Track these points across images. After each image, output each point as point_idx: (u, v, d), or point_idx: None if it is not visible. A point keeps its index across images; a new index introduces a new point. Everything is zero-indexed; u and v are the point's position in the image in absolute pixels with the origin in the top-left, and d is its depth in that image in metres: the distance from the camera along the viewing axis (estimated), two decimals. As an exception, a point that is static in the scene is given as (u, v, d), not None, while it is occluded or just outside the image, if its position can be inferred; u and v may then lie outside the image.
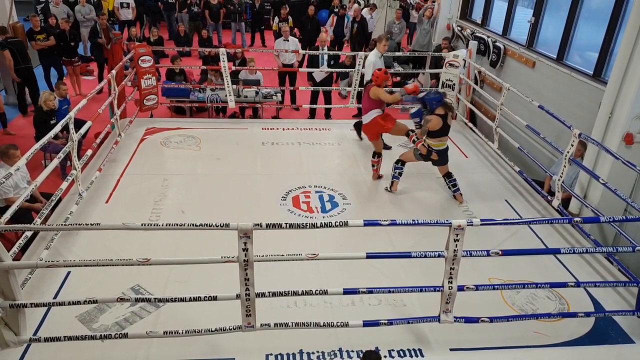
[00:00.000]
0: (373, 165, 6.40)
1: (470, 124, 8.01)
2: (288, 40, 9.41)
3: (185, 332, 3.51)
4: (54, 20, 10.23)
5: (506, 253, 3.69)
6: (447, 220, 3.40)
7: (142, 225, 3.35)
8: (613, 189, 4.56)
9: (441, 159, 5.81)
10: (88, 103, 5.66)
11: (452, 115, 5.84)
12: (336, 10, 13.20)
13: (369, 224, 3.49)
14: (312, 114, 9.23)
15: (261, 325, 3.55)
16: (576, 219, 3.98)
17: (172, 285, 4.28)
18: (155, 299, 3.75)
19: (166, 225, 3.41)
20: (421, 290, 3.72)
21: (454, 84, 8.14)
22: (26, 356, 3.59)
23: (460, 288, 3.60)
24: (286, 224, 3.35)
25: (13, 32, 9.09)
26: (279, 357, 3.69)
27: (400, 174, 6.07)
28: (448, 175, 5.97)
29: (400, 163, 6.05)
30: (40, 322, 3.86)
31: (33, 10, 11.89)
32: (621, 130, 4.98)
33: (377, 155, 6.34)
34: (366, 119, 6.21)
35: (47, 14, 11.06)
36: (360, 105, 8.66)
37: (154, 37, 11.89)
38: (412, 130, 6.19)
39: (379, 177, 6.40)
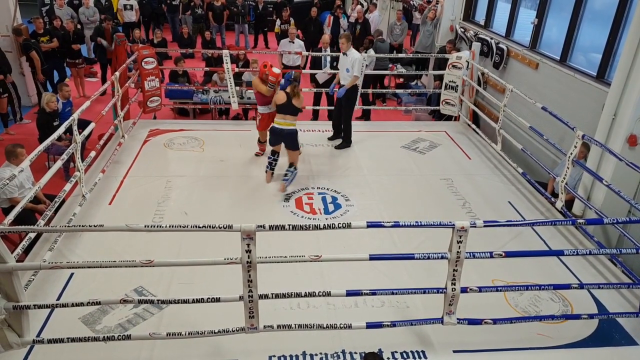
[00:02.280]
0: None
1: (474, 126, 8.00)
2: (293, 42, 9.42)
3: (188, 334, 3.51)
4: (59, 22, 10.28)
5: (509, 255, 3.68)
6: (450, 222, 3.40)
7: (145, 226, 3.36)
8: (617, 190, 4.54)
9: (283, 140, 5.96)
10: (91, 104, 5.68)
11: (296, 98, 5.85)
12: (332, 11, 13.25)
13: (372, 225, 3.49)
14: (315, 115, 9.24)
15: (264, 327, 3.55)
16: (579, 220, 3.98)
17: (175, 286, 4.28)
18: (158, 300, 3.75)
19: (169, 226, 3.42)
20: (424, 292, 3.72)
21: (457, 86, 8.13)
22: (29, 358, 3.60)
23: (464, 290, 3.60)
24: (289, 225, 3.34)
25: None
26: (282, 358, 3.69)
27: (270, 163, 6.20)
28: (290, 165, 6.07)
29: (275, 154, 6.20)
30: (44, 323, 3.87)
31: (37, 12, 11.94)
32: (625, 132, 4.97)
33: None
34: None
35: (52, 16, 11.12)
36: (362, 107, 8.71)
37: (157, 39, 11.92)
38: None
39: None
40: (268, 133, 6.23)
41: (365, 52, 9.04)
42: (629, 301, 4.40)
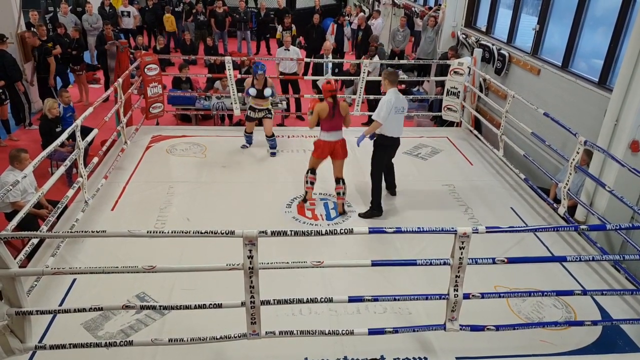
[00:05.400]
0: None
1: (476, 132, 8.00)
2: (289, 50, 9.48)
3: (190, 340, 3.51)
4: (63, 30, 10.35)
5: (512, 261, 3.67)
6: (452, 228, 3.39)
7: (147, 232, 3.37)
8: (619, 196, 4.53)
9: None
10: (94, 111, 5.70)
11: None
12: (335, 19, 13.35)
13: (374, 231, 3.49)
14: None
15: (266, 333, 3.55)
16: (582, 226, 3.95)
17: (178, 292, 4.28)
18: (160, 306, 3.74)
19: (171, 232, 3.42)
20: (427, 298, 3.71)
21: (459, 92, 8.14)
22: (32, 363, 3.60)
23: (466, 296, 3.58)
24: (291, 231, 3.34)
25: (21, 40, 9.22)
26: (284, 365, 3.68)
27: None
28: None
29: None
30: (46, 329, 3.87)
31: (41, 20, 12.02)
32: (627, 138, 4.96)
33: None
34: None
35: (56, 23, 11.20)
36: (365, 113, 8.72)
37: (160, 46, 11.99)
38: None
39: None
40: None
41: (371, 60, 9.09)
42: (632, 307, 4.38)
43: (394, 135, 5.61)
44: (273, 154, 7.16)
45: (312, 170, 5.84)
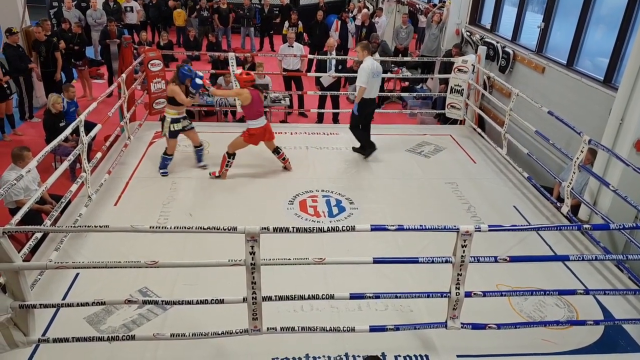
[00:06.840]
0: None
1: (479, 130, 7.98)
2: (293, 47, 9.47)
3: (192, 335, 3.52)
4: (68, 25, 10.37)
5: (514, 259, 3.67)
6: (454, 226, 3.39)
7: (150, 227, 3.37)
8: (623, 195, 4.52)
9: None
10: (98, 106, 5.71)
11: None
12: (339, 15, 13.35)
13: (376, 228, 3.48)
14: (320, 118, 9.26)
15: (267, 329, 3.56)
16: (585, 225, 3.94)
17: (180, 287, 4.29)
18: (162, 301, 3.77)
19: (174, 228, 3.43)
20: (428, 296, 3.71)
21: (463, 89, 8.12)
22: (35, 356, 3.62)
23: (468, 294, 3.58)
24: (293, 228, 3.35)
25: (26, 36, 9.24)
26: (285, 361, 3.69)
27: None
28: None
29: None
30: (49, 323, 3.90)
31: (46, 15, 12.05)
32: (632, 137, 4.94)
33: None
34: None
35: (60, 18, 11.22)
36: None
37: (163, 42, 12.00)
38: None
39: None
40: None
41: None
42: (635, 308, 4.37)
43: (372, 97, 6.83)
44: (205, 167, 6.56)
45: (234, 156, 6.25)
